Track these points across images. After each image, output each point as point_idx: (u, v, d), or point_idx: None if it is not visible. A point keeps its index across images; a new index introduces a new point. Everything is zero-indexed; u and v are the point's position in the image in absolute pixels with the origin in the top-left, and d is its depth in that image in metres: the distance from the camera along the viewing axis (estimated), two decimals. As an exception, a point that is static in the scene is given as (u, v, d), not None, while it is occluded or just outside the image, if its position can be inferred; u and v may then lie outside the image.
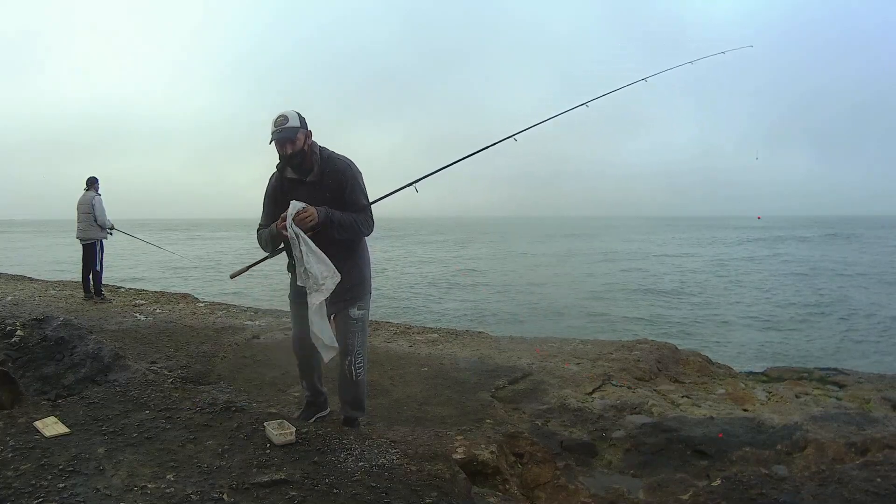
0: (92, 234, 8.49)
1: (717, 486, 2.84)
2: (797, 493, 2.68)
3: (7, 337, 3.64)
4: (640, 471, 3.21)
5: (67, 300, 8.47)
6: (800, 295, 19.56)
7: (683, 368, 5.35)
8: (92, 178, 8.71)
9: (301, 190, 3.07)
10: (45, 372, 3.55)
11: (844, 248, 41.91)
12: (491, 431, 3.31)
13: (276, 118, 3.02)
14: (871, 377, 5.12)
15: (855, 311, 16.34)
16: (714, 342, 12.42)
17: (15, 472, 2.49)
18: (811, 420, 3.54)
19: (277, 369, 4.59)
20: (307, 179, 3.11)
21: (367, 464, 2.76)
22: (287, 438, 2.95)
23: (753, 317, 15.75)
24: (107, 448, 2.79)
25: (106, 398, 3.49)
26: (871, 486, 2.65)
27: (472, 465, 2.86)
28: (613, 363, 5.07)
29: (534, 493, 2.96)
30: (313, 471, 2.67)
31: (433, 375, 4.56)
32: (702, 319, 15.44)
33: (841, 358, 10.80)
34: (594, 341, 6.24)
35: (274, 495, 2.43)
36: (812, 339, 13.15)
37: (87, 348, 3.82)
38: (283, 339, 5.82)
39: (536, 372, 4.75)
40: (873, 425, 3.41)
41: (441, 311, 15.96)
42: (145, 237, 12.31)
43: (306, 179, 3.11)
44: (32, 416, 3.10)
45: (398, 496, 2.48)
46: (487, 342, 6.05)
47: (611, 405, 3.96)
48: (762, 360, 10.07)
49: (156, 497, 2.36)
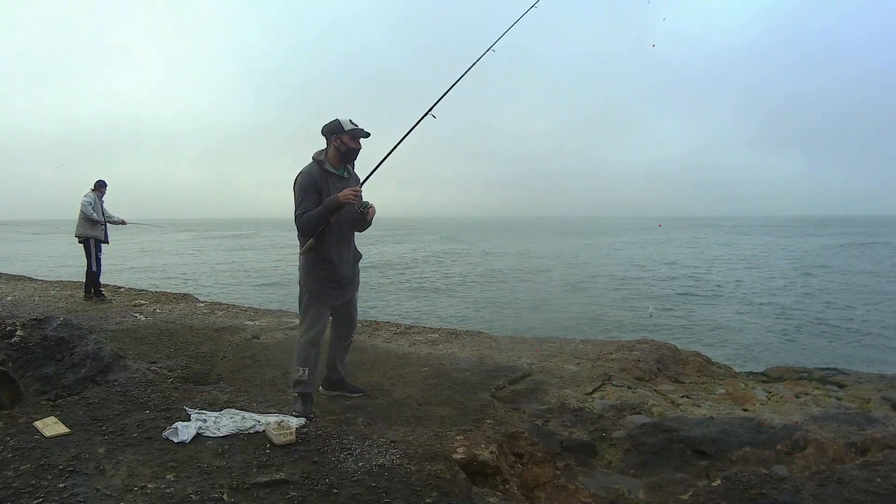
0: (83, 232, 8.57)
1: (717, 486, 2.84)
2: (797, 493, 2.68)
3: (7, 337, 3.63)
4: (640, 471, 3.21)
5: (67, 300, 8.47)
6: (800, 294, 19.57)
7: (683, 368, 5.35)
8: (100, 182, 8.79)
9: (338, 183, 3.58)
10: (45, 372, 3.55)
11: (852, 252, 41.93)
12: (491, 431, 3.31)
13: (351, 120, 3.60)
14: (871, 377, 5.12)
15: (855, 311, 16.35)
16: (714, 342, 12.42)
17: (15, 472, 2.50)
18: (811, 420, 3.53)
19: (277, 369, 4.59)
20: (343, 175, 3.64)
21: (367, 464, 2.76)
22: (287, 438, 2.95)
23: (753, 316, 15.75)
24: (107, 448, 2.79)
25: (106, 398, 3.49)
26: (871, 486, 2.65)
27: (472, 465, 2.86)
28: (613, 363, 5.07)
29: (534, 493, 2.96)
30: (313, 471, 2.67)
31: (433, 375, 4.56)
32: (702, 319, 15.44)
33: (841, 358, 10.81)
34: (594, 341, 6.24)
35: (274, 495, 2.43)
36: (812, 338, 13.15)
37: (87, 348, 3.82)
38: (283, 339, 5.82)
39: (536, 372, 4.74)
40: (873, 425, 3.41)
41: (441, 311, 15.98)
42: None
43: (343, 175, 3.64)
44: (32, 416, 3.10)
45: (398, 496, 2.48)
46: (487, 342, 6.04)
47: (611, 405, 3.96)
48: (762, 360, 10.07)
49: (156, 497, 2.36)
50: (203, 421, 3.12)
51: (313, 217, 3.49)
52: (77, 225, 8.62)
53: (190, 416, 3.19)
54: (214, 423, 3.09)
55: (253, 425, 3.10)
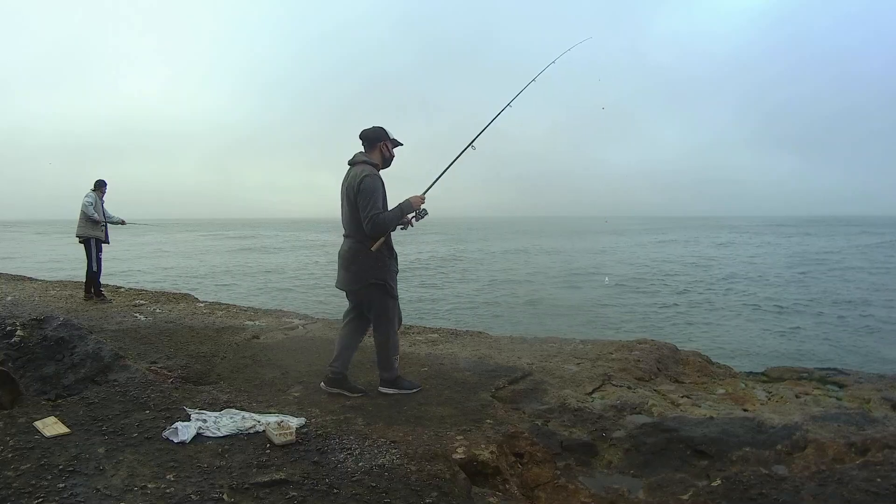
0: (84, 232, 8.58)
1: (717, 486, 2.84)
2: (797, 493, 2.68)
3: (7, 337, 3.63)
4: (640, 471, 3.21)
5: (67, 300, 8.47)
6: (799, 294, 19.56)
7: (683, 368, 5.35)
8: (99, 181, 8.79)
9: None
10: (45, 372, 3.55)
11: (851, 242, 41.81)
12: (491, 431, 3.30)
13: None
14: (871, 377, 5.11)
15: (854, 311, 16.34)
16: (714, 342, 12.42)
17: (15, 472, 2.50)
18: (811, 420, 3.53)
19: (277, 369, 4.59)
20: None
21: (367, 464, 2.76)
22: (287, 438, 2.95)
23: (753, 316, 15.75)
24: (107, 448, 2.79)
25: (106, 398, 3.49)
26: (871, 486, 2.65)
27: (472, 465, 2.86)
28: (613, 363, 5.07)
29: (534, 493, 2.96)
30: (313, 471, 2.67)
31: (433, 375, 4.56)
32: (702, 319, 15.44)
33: (841, 358, 10.81)
34: (594, 341, 6.23)
35: (274, 495, 2.43)
36: (812, 338, 13.15)
37: (87, 348, 3.82)
38: (283, 339, 5.82)
39: (536, 372, 4.74)
40: (873, 425, 3.41)
41: (442, 312, 15.97)
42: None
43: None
44: (32, 416, 3.10)
45: (398, 496, 2.48)
46: (487, 342, 6.04)
47: (611, 405, 3.95)
48: (762, 360, 10.07)
49: (156, 497, 2.36)
50: (203, 421, 3.12)
51: (389, 218, 3.86)
52: (78, 225, 8.63)
53: (190, 416, 3.19)
54: (214, 423, 3.09)
55: (253, 425, 3.10)
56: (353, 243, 3.91)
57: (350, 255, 3.92)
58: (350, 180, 3.90)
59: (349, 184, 3.90)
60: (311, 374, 4.48)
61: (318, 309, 13.29)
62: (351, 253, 3.92)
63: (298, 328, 6.42)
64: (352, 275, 3.94)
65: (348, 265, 3.94)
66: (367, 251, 3.85)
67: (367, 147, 4.05)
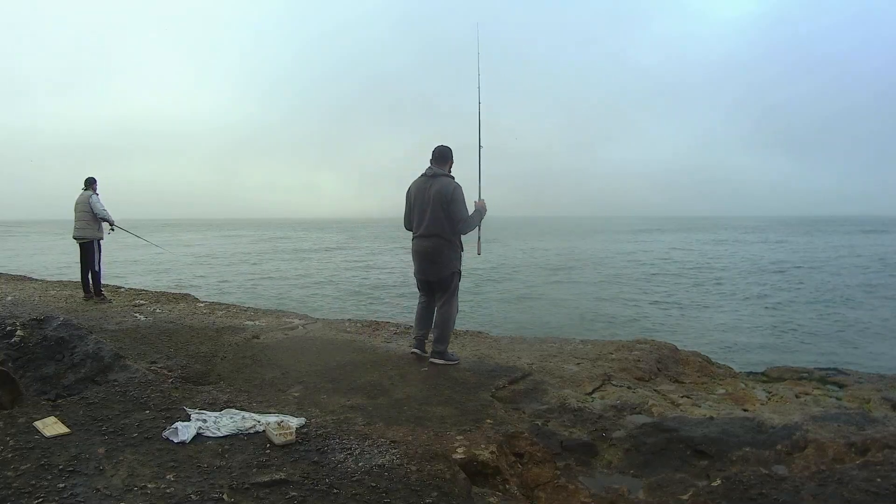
0: (89, 234, 8.52)
1: (717, 486, 2.84)
2: (797, 493, 2.68)
3: (7, 337, 3.63)
4: (640, 471, 3.21)
5: (67, 300, 8.47)
6: (799, 293, 19.56)
7: (683, 368, 5.35)
8: (90, 179, 8.72)
9: None
10: (45, 372, 3.55)
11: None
12: (491, 431, 3.30)
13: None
14: (871, 377, 5.12)
15: (854, 311, 16.34)
16: (714, 342, 12.41)
17: (15, 472, 2.50)
18: (811, 420, 3.53)
19: (277, 369, 4.59)
20: None
21: (367, 464, 2.76)
22: (287, 438, 2.95)
23: (753, 316, 15.74)
24: (107, 448, 2.79)
25: (106, 398, 3.49)
26: (871, 486, 2.65)
27: (472, 465, 2.86)
28: (613, 363, 5.07)
29: (534, 493, 2.96)
30: (313, 471, 2.67)
31: (433, 375, 4.56)
32: (702, 319, 15.43)
33: (841, 358, 10.80)
34: (594, 341, 6.23)
35: (274, 495, 2.43)
36: (812, 338, 13.15)
37: (87, 348, 3.82)
38: (283, 338, 5.82)
39: (536, 372, 4.74)
40: (873, 425, 3.41)
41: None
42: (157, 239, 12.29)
43: None
44: (32, 416, 3.10)
45: (398, 496, 2.48)
46: (487, 342, 6.04)
47: (611, 405, 3.95)
48: (762, 360, 10.07)
49: (156, 497, 2.36)
50: (203, 421, 3.12)
51: (475, 220, 4.75)
52: (79, 227, 8.51)
53: (190, 416, 3.19)
54: (214, 423, 3.09)
55: (253, 425, 3.10)
56: (440, 241, 4.67)
57: (437, 250, 4.69)
58: (441, 188, 4.62)
59: (441, 192, 4.61)
60: (311, 374, 4.48)
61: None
62: (437, 249, 4.69)
63: (298, 328, 6.42)
64: (439, 266, 4.74)
65: (435, 258, 4.72)
66: (452, 246, 4.70)
67: (440, 162, 4.76)
